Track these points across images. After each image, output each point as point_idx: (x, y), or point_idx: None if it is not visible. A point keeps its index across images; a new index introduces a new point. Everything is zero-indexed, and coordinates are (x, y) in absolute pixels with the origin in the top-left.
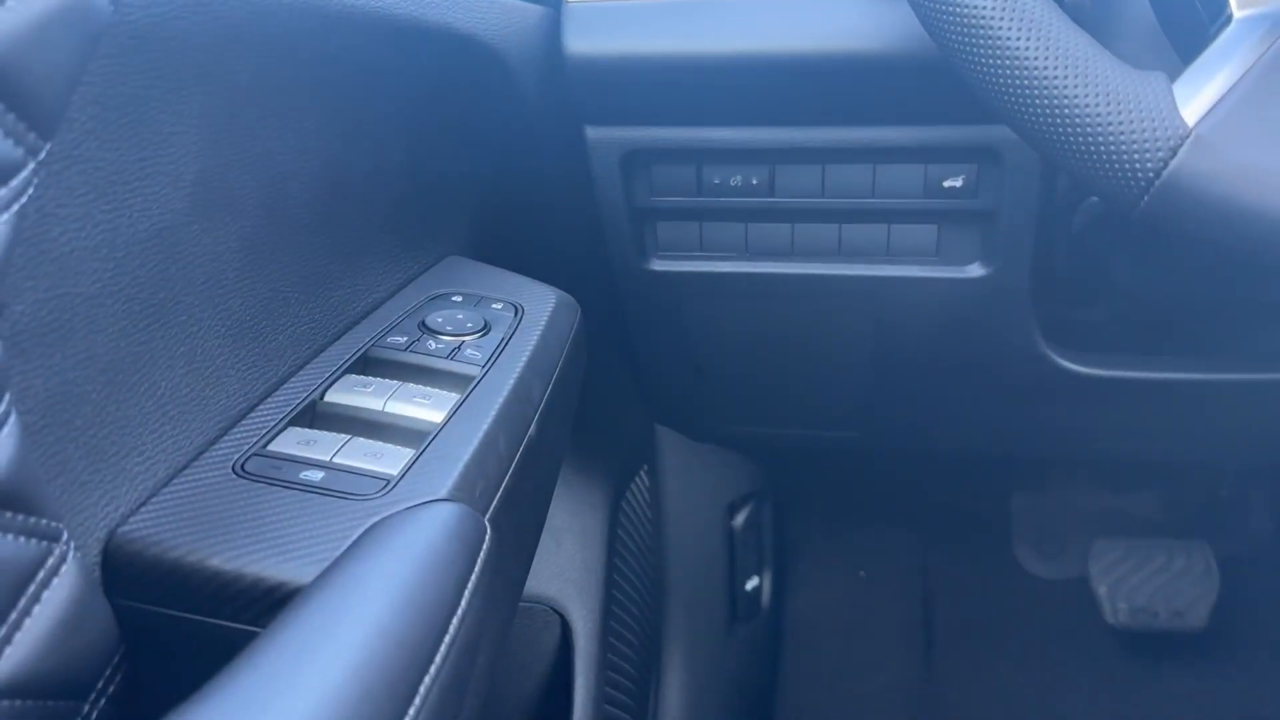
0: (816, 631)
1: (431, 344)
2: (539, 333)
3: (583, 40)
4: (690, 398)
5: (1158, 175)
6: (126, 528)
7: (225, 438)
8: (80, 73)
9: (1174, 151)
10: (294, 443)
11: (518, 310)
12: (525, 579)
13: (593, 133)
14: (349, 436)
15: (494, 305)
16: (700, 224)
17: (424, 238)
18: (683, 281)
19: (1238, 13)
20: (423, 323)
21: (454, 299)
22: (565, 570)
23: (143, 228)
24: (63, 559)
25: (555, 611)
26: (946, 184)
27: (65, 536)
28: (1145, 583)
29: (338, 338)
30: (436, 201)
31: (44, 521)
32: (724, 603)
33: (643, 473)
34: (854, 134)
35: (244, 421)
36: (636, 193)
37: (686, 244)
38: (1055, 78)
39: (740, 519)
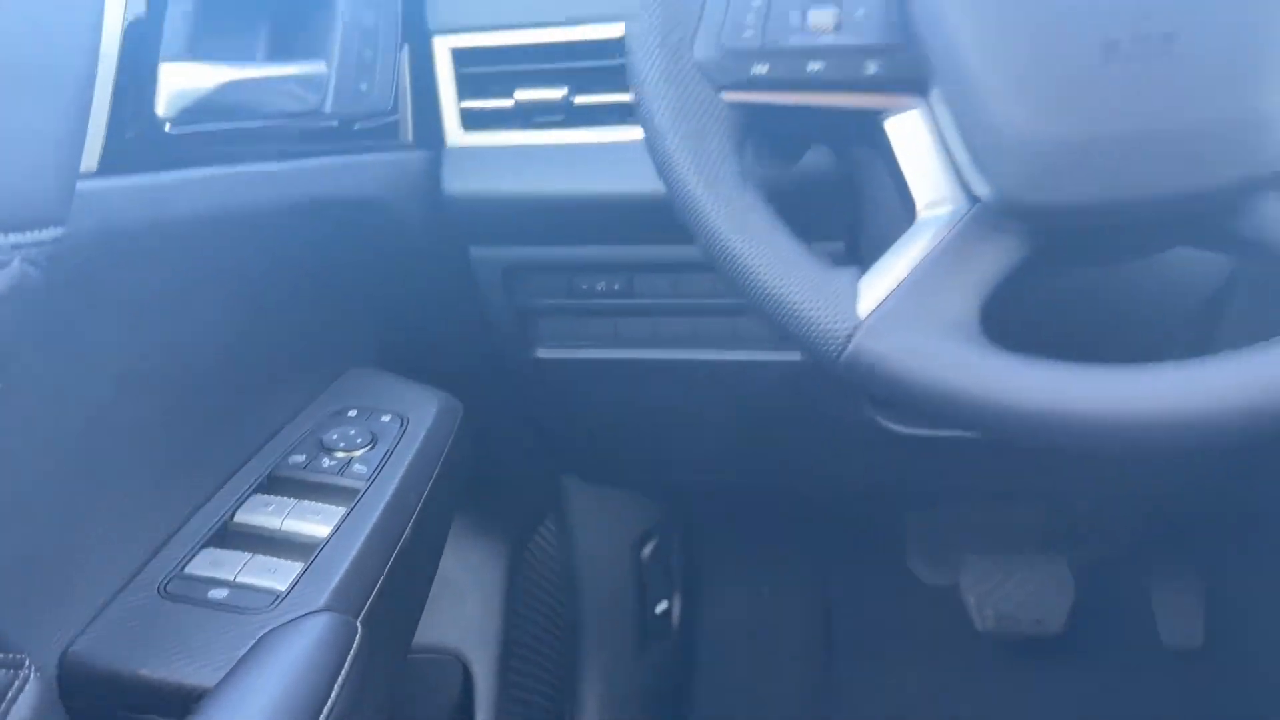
0: (725, 647)
1: (325, 461)
2: (419, 443)
3: (460, 181)
4: (588, 454)
5: (841, 353)
6: (76, 647)
7: (154, 560)
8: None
9: (849, 338)
10: (206, 564)
11: (403, 421)
12: (404, 657)
13: (476, 251)
14: (251, 555)
15: (383, 418)
16: (576, 319)
17: (327, 358)
18: (566, 366)
19: (919, 214)
20: (320, 440)
21: (349, 414)
22: (467, 621)
23: (76, 414)
24: (26, 680)
25: (458, 660)
26: None
27: (28, 662)
28: (1010, 592)
29: (249, 459)
30: (338, 327)
31: (11, 655)
32: (635, 627)
33: (548, 520)
34: (694, 250)
35: (169, 544)
36: (518, 295)
37: (565, 336)
38: (760, 270)
39: (648, 549)
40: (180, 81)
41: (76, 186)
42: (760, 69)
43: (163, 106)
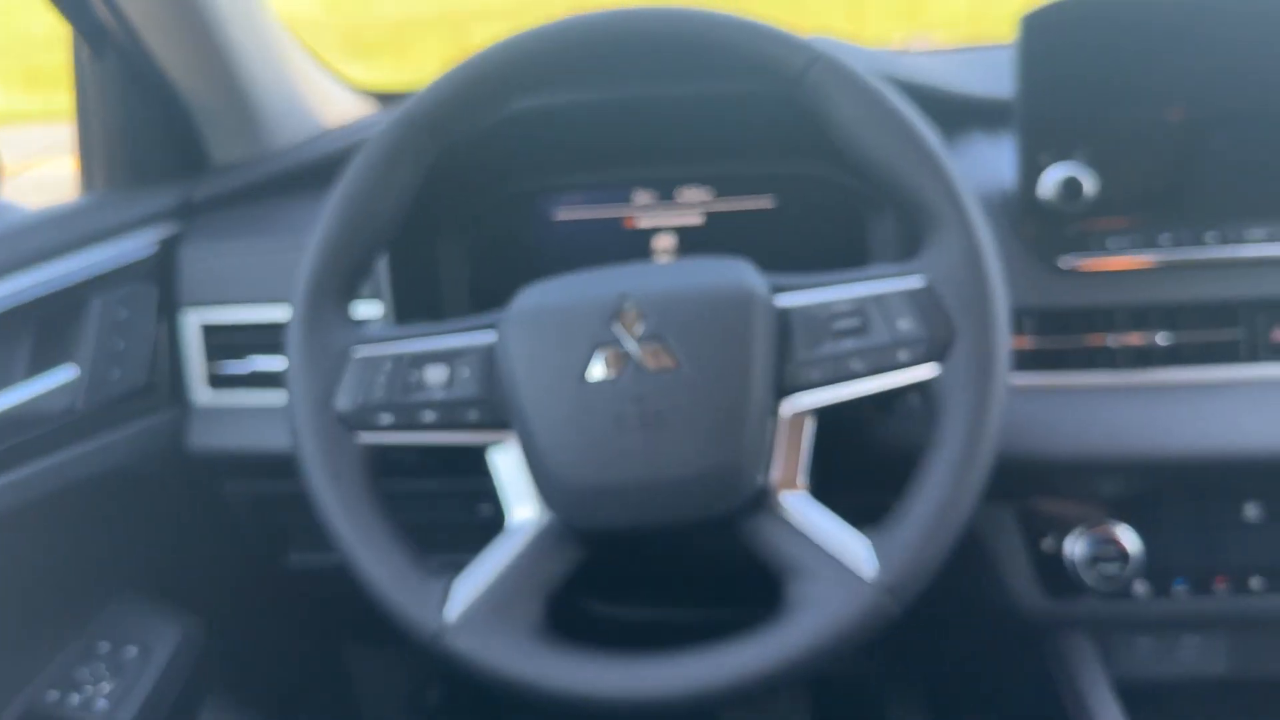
0: None
1: (75, 698)
2: (159, 672)
3: (206, 436)
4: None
5: (433, 647)
6: None
7: None
8: None
9: (437, 637)
10: None
11: (147, 652)
12: None
13: (229, 485)
14: None
15: (129, 650)
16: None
17: (87, 594)
18: (316, 573)
19: (509, 524)
20: (71, 677)
21: (101, 648)
22: None
23: None
24: None
25: None
26: None
27: None
28: None
29: (11, 700)
30: (97, 561)
31: None
32: None
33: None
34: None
35: None
36: (269, 520)
37: (318, 544)
38: (374, 578)
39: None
40: None
41: None
42: (386, 418)
43: None
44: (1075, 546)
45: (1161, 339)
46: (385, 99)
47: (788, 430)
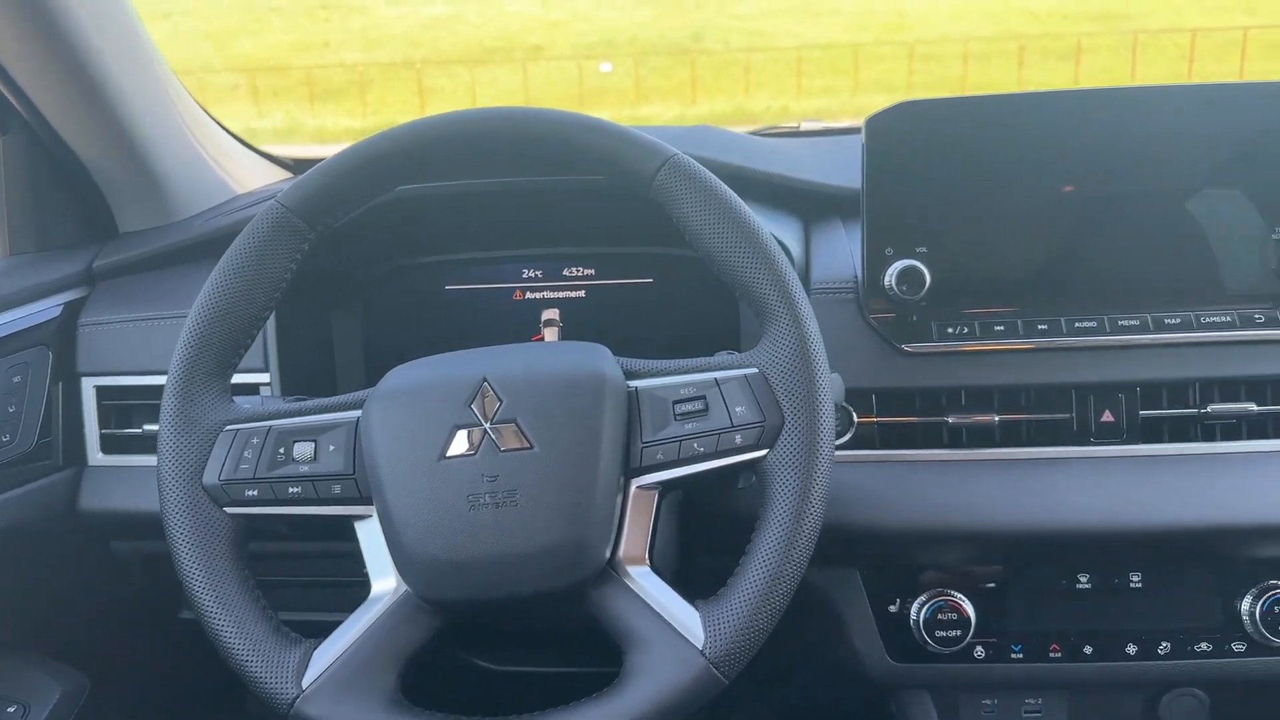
0: None
1: None
2: None
3: (98, 497)
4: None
5: (288, 714)
6: None
7: None
8: None
9: (291, 704)
10: None
11: (25, 709)
12: None
13: (115, 544)
14: None
15: (8, 709)
16: None
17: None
18: None
19: (371, 594)
20: None
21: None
22: None
23: None
24: None
25: None
26: None
27: None
28: None
29: None
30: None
31: None
32: None
33: None
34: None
35: None
36: (160, 578)
37: None
38: (233, 647)
39: None
40: None
41: None
42: (253, 492)
43: None
44: (919, 611)
45: (998, 419)
46: (298, 165)
47: (634, 506)
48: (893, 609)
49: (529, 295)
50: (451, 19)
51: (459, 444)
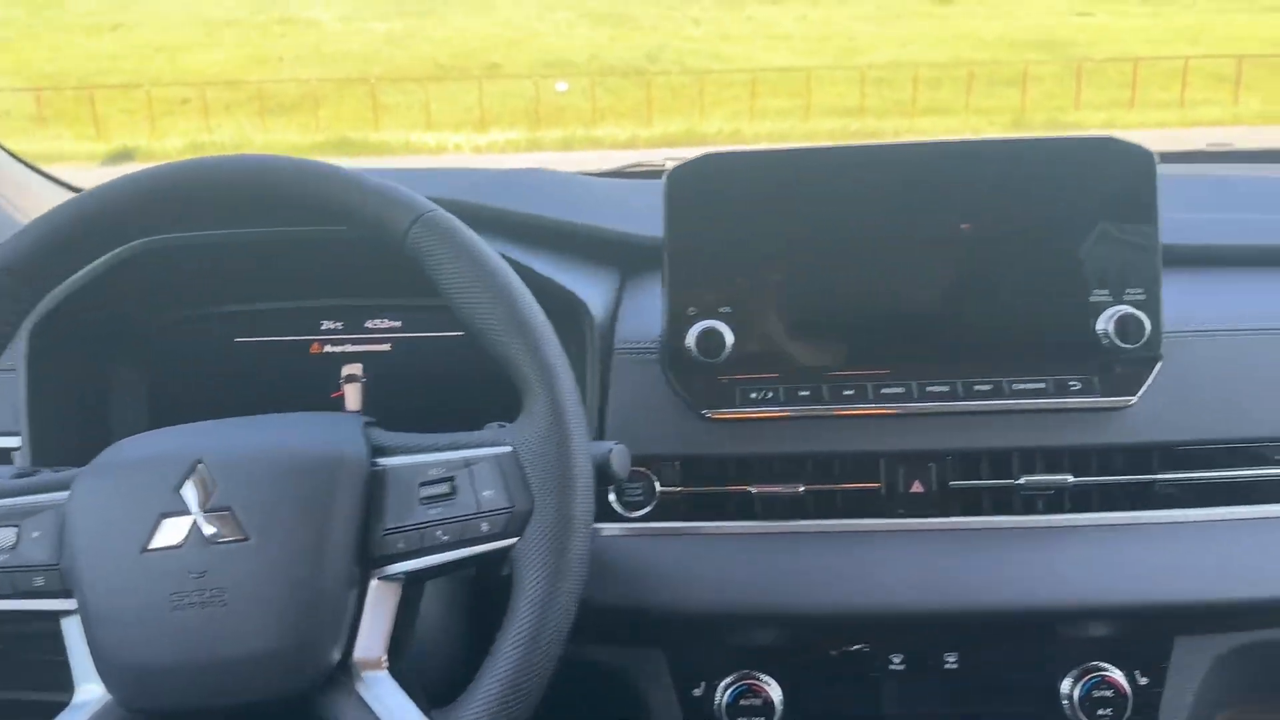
0: None
1: None
2: None
3: None
4: None
5: None
6: None
7: None
8: None
9: None
10: None
11: None
12: None
13: None
14: None
15: None
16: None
17: None
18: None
19: (74, 699)
20: None
21: None
22: None
23: None
24: None
25: None
26: None
27: None
28: None
29: None
30: None
31: None
32: None
33: None
34: None
35: None
36: None
37: None
38: None
39: None
40: None
41: None
42: None
43: None
44: (723, 694)
45: (803, 489)
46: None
47: (374, 601)
48: (697, 692)
49: (328, 349)
50: (408, 36)
51: (165, 535)
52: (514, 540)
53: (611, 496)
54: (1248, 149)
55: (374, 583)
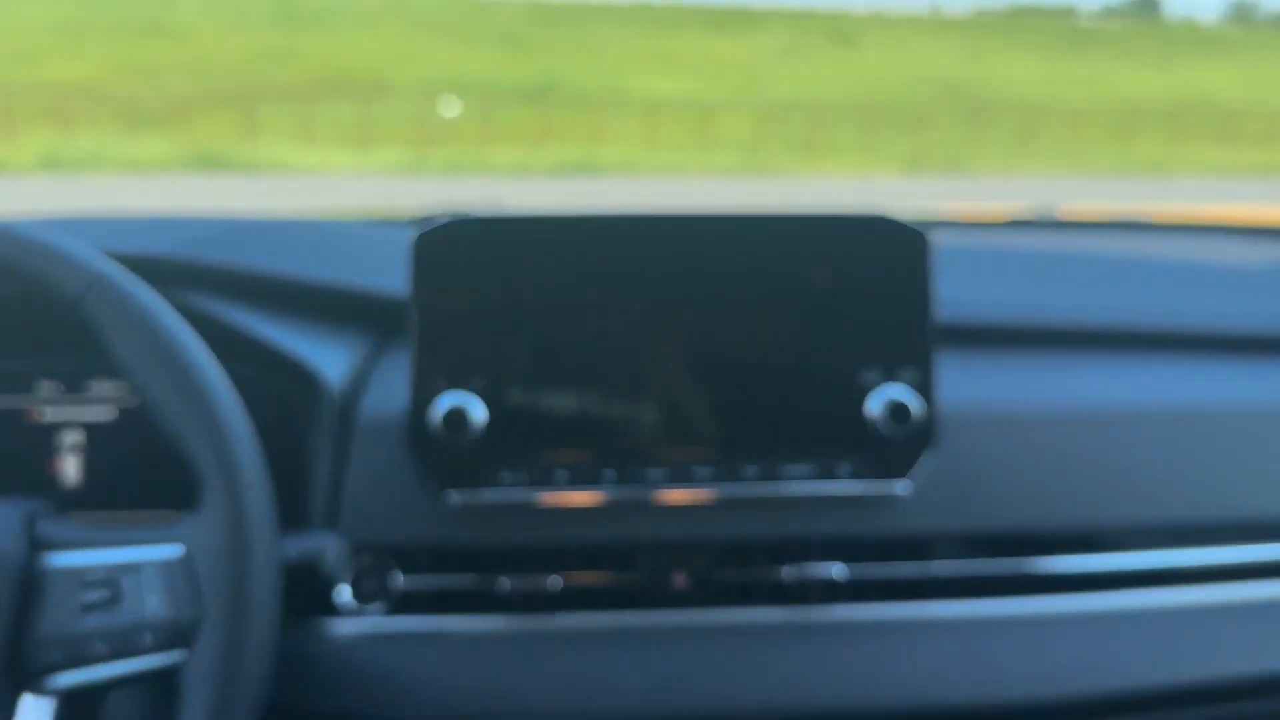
0: None
1: None
2: None
3: None
4: None
5: None
6: None
7: None
8: None
9: None
10: None
11: None
12: None
13: None
14: None
15: None
16: None
17: None
18: None
19: None
20: None
21: None
22: None
23: None
24: None
25: None
26: None
27: None
28: None
29: None
30: None
31: None
32: None
33: None
34: None
35: None
36: None
37: None
38: None
39: None
40: None
41: None
42: None
43: None
44: None
45: (554, 583)
46: None
47: None
48: None
49: (47, 418)
50: (286, 51)
51: None
52: (180, 657)
53: (346, 590)
54: (1100, 219)
55: (26, 701)
